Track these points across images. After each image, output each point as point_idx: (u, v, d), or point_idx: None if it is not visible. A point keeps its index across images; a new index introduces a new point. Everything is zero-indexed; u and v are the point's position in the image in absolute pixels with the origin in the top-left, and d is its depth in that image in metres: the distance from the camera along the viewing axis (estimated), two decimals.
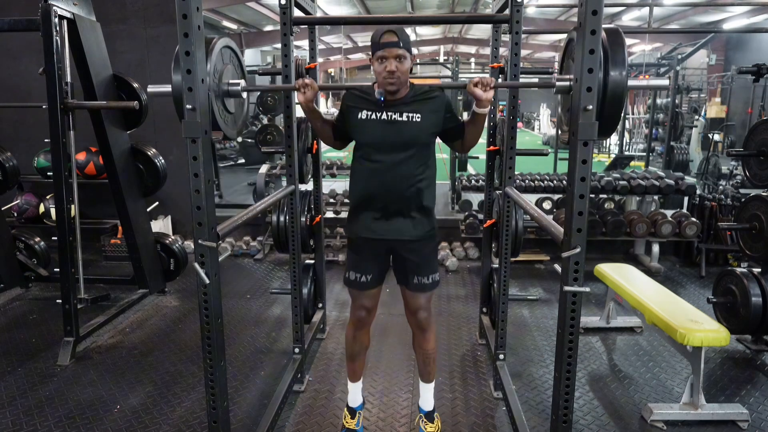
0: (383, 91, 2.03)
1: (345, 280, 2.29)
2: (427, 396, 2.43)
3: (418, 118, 2.06)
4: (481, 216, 4.93)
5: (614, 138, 12.84)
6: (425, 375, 2.41)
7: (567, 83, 1.81)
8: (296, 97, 2.15)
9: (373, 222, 2.16)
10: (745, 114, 12.01)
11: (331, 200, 5.69)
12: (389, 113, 2.06)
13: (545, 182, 5.33)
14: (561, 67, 2.03)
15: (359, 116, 2.10)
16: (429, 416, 2.41)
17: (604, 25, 1.49)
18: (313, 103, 2.13)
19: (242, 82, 2.03)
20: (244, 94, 2.09)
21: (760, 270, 3.28)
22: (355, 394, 2.49)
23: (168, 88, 1.86)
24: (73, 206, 3.34)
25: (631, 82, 1.72)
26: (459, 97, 7.39)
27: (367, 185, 2.14)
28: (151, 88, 1.97)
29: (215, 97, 1.92)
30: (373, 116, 2.07)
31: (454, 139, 2.21)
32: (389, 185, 2.09)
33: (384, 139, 2.07)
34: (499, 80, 3.06)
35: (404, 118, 2.05)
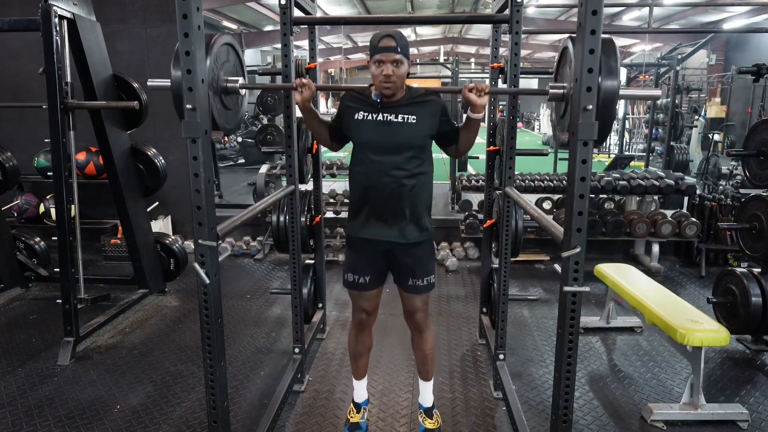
0: (380, 93, 2.07)
1: (344, 282, 2.32)
2: (426, 393, 2.47)
3: (414, 119, 2.08)
4: (481, 216, 4.93)
5: (614, 138, 12.84)
6: (424, 374, 2.45)
7: (561, 91, 1.83)
8: (294, 96, 2.18)
9: (369, 223, 2.17)
10: (745, 114, 12.01)
11: (331, 200, 5.69)
12: (385, 114, 2.09)
13: (545, 182, 5.33)
14: (555, 75, 2.04)
15: (356, 116, 2.13)
16: (428, 412, 2.45)
17: (605, 35, 1.50)
18: (310, 102, 2.15)
19: (240, 80, 2.04)
20: (243, 91, 2.10)
21: (760, 270, 3.28)
22: (359, 390, 2.53)
23: (167, 82, 1.88)
24: (73, 206, 3.34)
25: (623, 91, 1.74)
26: (459, 99, 7.39)
27: (364, 186, 2.16)
28: (151, 82, 1.99)
29: (213, 93, 1.92)
30: (370, 117, 2.10)
31: (448, 144, 2.23)
32: (385, 187, 2.11)
33: (380, 140, 2.10)
34: (499, 83, 3.07)
35: (400, 119, 2.08)
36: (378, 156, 2.11)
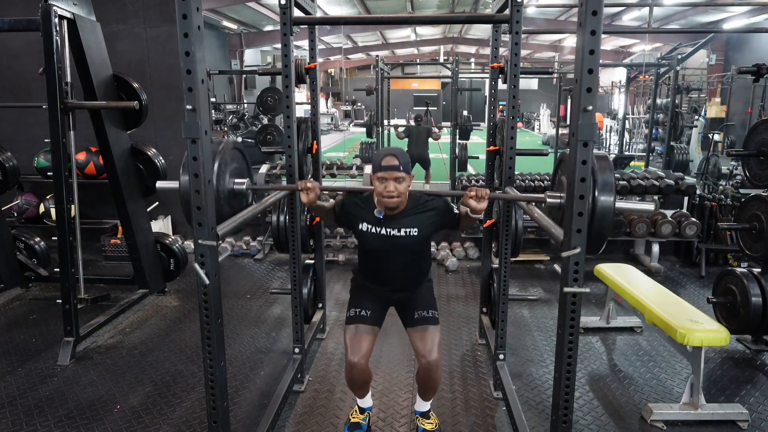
0: (382, 210, 2.18)
1: (346, 319, 2.36)
2: (423, 405, 2.47)
3: (416, 232, 2.20)
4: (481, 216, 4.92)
5: (614, 138, 12.84)
6: (424, 397, 2.44)
7: (558, 200, 1.88)
8: (300, 197, 2.24)
9: (376, 290, 2.36)
10: (745, 114, 12.00)
11: (331, 200, 5.69)
12: (388, 229, 2.20)
13: (545, 182, 5.33)
14: (552, 184, 2.10)
15: (360, 227, 2.24)
16: (425, 415, 2.45)
17: (594, 152, 1.54)
18: (316, 202, 2.25)
19: (247, 182, 2.17)
20: (249, 195, 2.25)
21: (760, 270, 3.28)
22: (364, 401, 2.53)
23: (175, 184, 1.97)
24: (73, 206, 3.34)
25: (618, 205, 1.82)
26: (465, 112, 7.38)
27: (370, 273, 2.35)
28: (159, 184, 2.15)
29: (221, 196, 1.99)
30: (373, 230, 2.21)
31: (449, 228, 2.36)
32: (390, 276, 2.30)
33: (383, 249, 2.23)
34: (499, 83, 3.07)
35: (402, 233, 2.19)
36: (383, 258, 2.26)
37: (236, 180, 2.14)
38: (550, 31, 17.60)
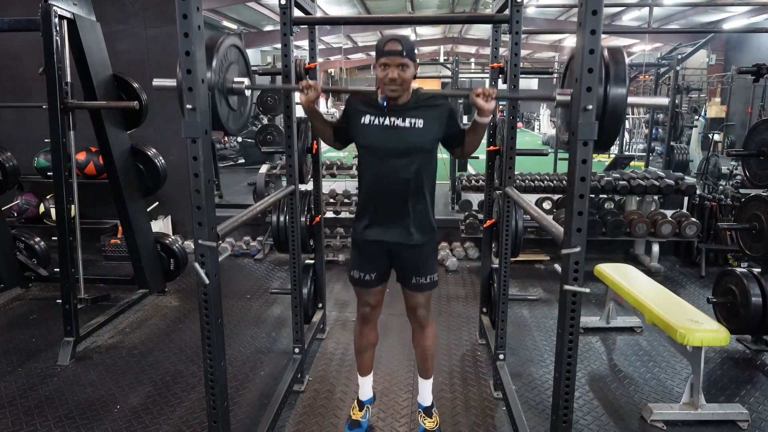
0: (386, 96, 2.06)
1: (350, 278, 2.35)
2: (425, 392, 2.47)
3: (421, 124, 2.09)
4: (481, 216, 4.93)
5: None
6: (423, 371, 2.46)
7: (568, 97, 1.82)
8: (298, 97, 2.19)
9: (374, 224, 2.20)
10: (745, 114, 12.01)
11: (331, 200, 5.69)
12: (392, 119, 2.09)
13: (545, 182, 5.33)
14: (563, 82, 2.04)
15: (362, 120, 2.14)
16: (427, 411, 2.46)
17: (607, 44, 1.51)
18: (314, 103, 2.16)
19: (246, 80, 2.04)
20: (248, 92, 2.10)
21: (760, 270, 3.28)
22: (365, 388, 2.54)
23: (173, 82, 1.88)
24: (73, 206, 3.34)
25: (631, 99, 1.75)
26: (459, 101, 7.39)
27: (369, 190, 2.19)
28: (156, 82, 1.99)
29: (219, 93, 1.93)
30: (377, 121, 2.11)
31: (454, 146, 2.24)
32: (390, 190, 2.13)
33: (386, 144, 2.11)
34: (499, 83, 3.07)
35: (407, 123, 2.09)
36: (384, 159, 2.12)
37: (235, 78, 2.01)
38: (550, 31, 17.62)
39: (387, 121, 2.10)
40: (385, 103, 2.07)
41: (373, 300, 2.36)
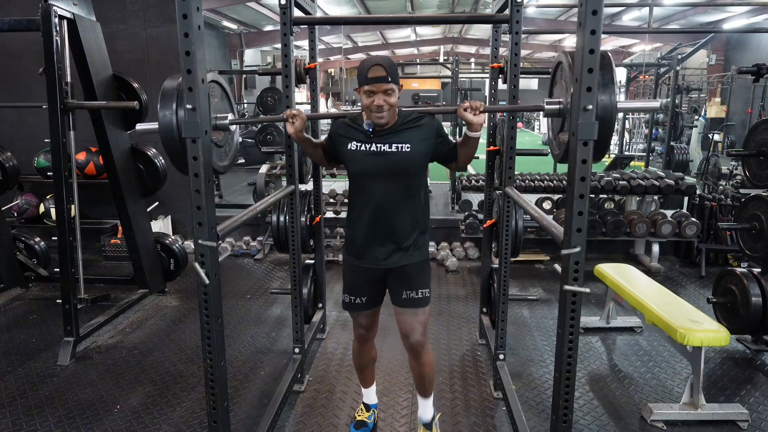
0: (372, 122, 2.02)
1: (342, 304, 2.31)
2: (425, 408, 2.38)
3: (408, 147, 2.03)
4: (481, 216, 4.93)
5: (614, 138, 12.83)
6: (422, 391, 2.35)
7: (556, 106, 1.81)
8: (286, 128, 2.14)
9: (365, 250, 2.14)
10: (745, 114, 12.01)
11: (331, 200, 5.69)
12: (378, 144, 2.04)
13: (545, 182, 5.33)
14: (550, 92, 1.99)
15: (349, 147, 2.08)
16: (428, 426, 2.37)
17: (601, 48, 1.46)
18: (303, 132, 2.13)
19: (230, 116, 1.97)
20: (233, 127, 2.06)
21: (760, 270, 3.28)
22: (369, 396, 2.54)
23: (155, 125, 1.84)
24: (73, 206, 3.34)
25: (621, 104, 1.68)
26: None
27: (359, 214, 2.13)
28: (140, 126, 1.97)
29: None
30: (362, 147, 2.06)
31: (447, 162, 2.18)
32: (381, 215, 2.08)
33: (374, 170, 2.06)
34: (499, 83, 3.06)
35: (393, 149, 2.03)
36: (374, 185, 2.07)
37: (218, 116, 1.90)
38: (550, 31, 17.61)
39: (373, 147, 2.04)
40: (370, 129, 2.03)
41: (367, 322, 2.31)
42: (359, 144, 2.06)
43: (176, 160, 1.83)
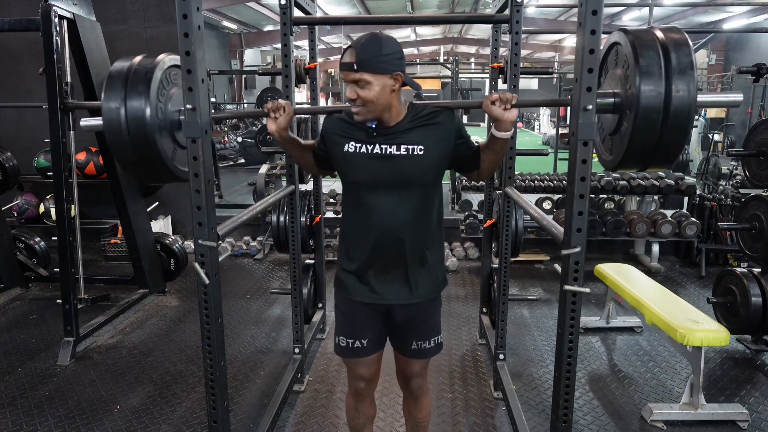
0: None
1: (335, 348, 1.86)
2: None
3: (421, 150, 1.60)
4: (481, 216, 4.93)
5: None
6: None
7: (610, 99, 1.46)
8: (267, 124, 1.73)
9: (364, 281, 1.73)
10: (745, 114, 12.00)
11: (331, 200, 5.70)
12: (383, 146, 1.61)
13: (545, 182, 5.33)
14: (598, 80, 1.54)
15: (345, 149, 1.65)
16: None
17: (662, 25, 1.20)
18: (287, 131, 1.72)
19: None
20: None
21: (760, 270, 3.28)
22: None
23: (99, 121, 1.64)
24: (73, 206, 3.34)
25: (701, 98, 1.30)
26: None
27: (357, 233, 1.71)
28: (84, 122, 1.80)
29: (161, 130, 1.65)
30: (363, 149, 1.63)
31: (468, 170, 1.77)
32: (385, 236, 1.65)
33: (377, 179, 1.63)
34: (499, 83, 3.06)
35: (402, 151, 1.60)
36: (376, 197, 1.64)
37: (181, 108, 1.63)
38: (550, 31, 17.62)
39: (377, 149, 1.61)
40: (373, 125, 1.61)
41: (368, 372, 1.86)
42: (359, 145, 1.64)
43: (127, 164, 1.54)
